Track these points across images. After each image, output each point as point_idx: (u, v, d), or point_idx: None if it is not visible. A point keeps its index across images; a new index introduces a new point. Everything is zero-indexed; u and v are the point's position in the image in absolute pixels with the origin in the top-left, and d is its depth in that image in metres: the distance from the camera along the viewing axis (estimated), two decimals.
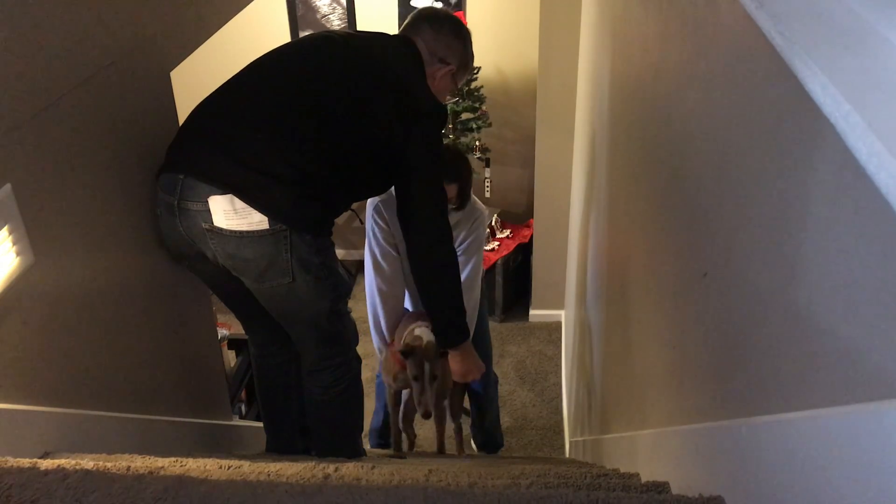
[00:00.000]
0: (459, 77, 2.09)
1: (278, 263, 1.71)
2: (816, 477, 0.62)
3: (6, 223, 1.17)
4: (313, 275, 1.76)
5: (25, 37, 1.20)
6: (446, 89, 2.06)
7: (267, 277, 1.74)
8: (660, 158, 1.32)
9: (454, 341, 2.07)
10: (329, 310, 1.86)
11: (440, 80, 2.01)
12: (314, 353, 1.96)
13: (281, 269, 1.71)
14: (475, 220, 2.47)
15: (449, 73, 2.02)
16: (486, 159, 4.37)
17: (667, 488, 1.12)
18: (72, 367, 1.41)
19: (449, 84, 2.05)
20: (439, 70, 2.00)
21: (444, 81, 2.03)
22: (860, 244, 0.54)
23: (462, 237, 2.46)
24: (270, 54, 1.84)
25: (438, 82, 2.01)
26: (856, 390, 0.56)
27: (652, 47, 1.39)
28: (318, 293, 1.81)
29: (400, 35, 2.04)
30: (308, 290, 1.78)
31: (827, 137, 0.57)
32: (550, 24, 3.47)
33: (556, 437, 3.49)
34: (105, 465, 1.09)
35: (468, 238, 2.47)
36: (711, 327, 0.95)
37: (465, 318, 2.04)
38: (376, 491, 0.95)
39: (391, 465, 1.52)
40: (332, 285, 1.83)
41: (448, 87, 2.06)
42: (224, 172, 1.63)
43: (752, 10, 0.73)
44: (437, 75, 2.00)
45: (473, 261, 2.52)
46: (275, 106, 1.71)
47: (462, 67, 2.07)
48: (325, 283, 1.81)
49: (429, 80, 1.97)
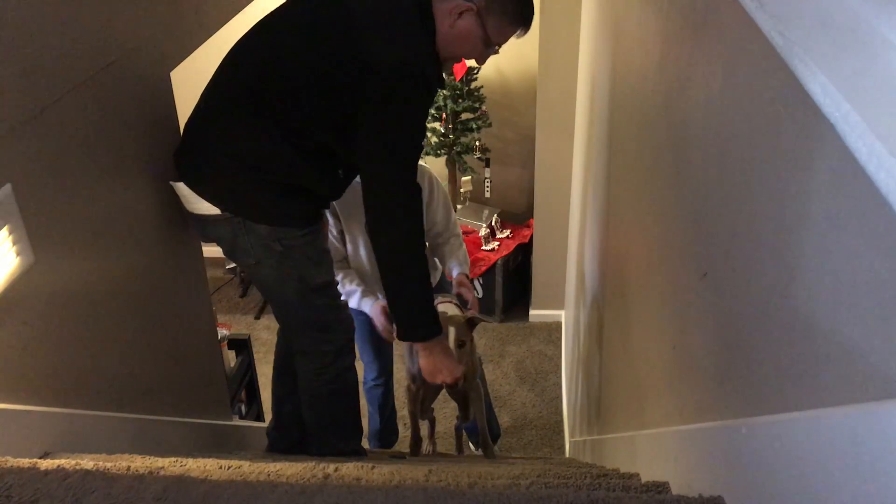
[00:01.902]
0: (494, 24, 1.58)
1: (239, 245, 1.77)
2: (816, 477, 0.62)
3: (6, 223, 1.17)
4: (275, 260, 1.77)
5: (26, 37, 1.20)
6: (469, 38, 1.58)
7: (236, 256, 1.83)
8: (660, 158, 1.32)
9: (414, 336, 1.81)
10: (297, 298, 1.85)
11: (458, 24, 1.55)
12: (299, 337, 1.99)
13: (243, 249, 1.77)
14: (428, 179, 2.35)
15: (469, 12, 1.54)
16: (486, 159, 4.37)
17: (667, 488, 1.12)
18: (72, 367, 1.41)
19: (473, 29, 1.57)
20: (455, 7, 1.53)
21: (464, 25, 1.56)
22: (860, 244, 0.54)
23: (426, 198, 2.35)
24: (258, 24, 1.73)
25: (455, 26, 1.56)
26: (856, 390, 0.56)
27: (652, 47, 1.39)
28: (281, 279, 1.82)
29: None
30: (271, 274, 1.81)
31: (827, 137, 0.57)
32: (550, 24, 3.47)
33: (556, 437, 3.49)
34: (105, 465, 1.08)
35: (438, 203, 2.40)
36: (711, 327, 0.95)
37: (430, 316, 1.77)
38: (376, 491, 0.95)
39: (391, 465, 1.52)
40: (297, 276, 1.80)
41: (472, 34, 1.57)
42: (186, 162, 1.73)
43: (752, 10, 0.72)
44: (450, 15, 1.54)
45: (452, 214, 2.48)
46: (227, 91, 1.70)
47: (494, 10, 1.57)
48: (291, 272, 1.79)
49: (440, 23, 1.56)
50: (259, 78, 1.64)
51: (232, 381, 2.73)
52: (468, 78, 3.94)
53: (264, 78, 1.63)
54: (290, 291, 1.85)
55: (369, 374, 2.81)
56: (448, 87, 3.85)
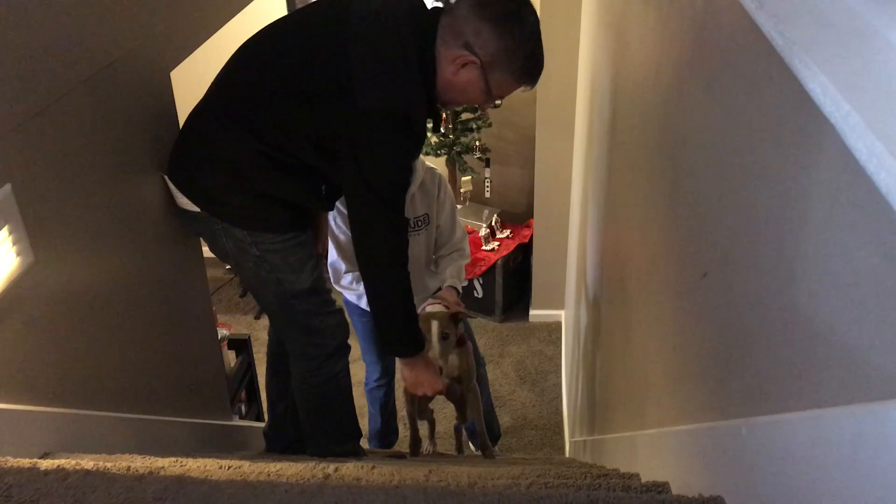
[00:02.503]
0: (497, 79, 1.56)
1: (218, 245, 1.79)
2: (816, 477, 0.62)
3: (6, 223, 1.17)
4: (252, 263, 1.77)
5: (26, 37, 1.20)
6: (470, 89, 1.58)
7: (217, 254, 1.84)
8: (660, 158, 1.31)
9: (394, 352, 1.91)
10: (276, 301, 1.86)
11: (460, 73, 1.55)
12: (287, 338, 2.01)
13: (222, 250, 1.79)
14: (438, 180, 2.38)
15: (472, 64, 1.53)
16: (486, 159, 4.37)
17: (667, 488, 1.12)
18: (72, 367, 1.41)
19: (475, 82, 1.56)
20: (458, 57, 1.53)
21: (466, 77, 1.55)
22: (860, 244, 0.54)
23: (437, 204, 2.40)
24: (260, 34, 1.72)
25: (458, 75, 1.55)
26: (856, 390, 0.56)
27: (652, 47, 1.39)
28: (260, 283, 1.83)
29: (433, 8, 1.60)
30: (250, 277, 1.84)
31: (827, 137, 0.57)
32: (550, 24, 3.47)
33: (556, 437, 3.49)
34: (105, 465, 1.08)
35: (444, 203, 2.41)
36: (711, 327, 0.95)
37: (411, 334, 1.80)
38: (376, 491, 0.95)
39: (391, 465, 1.52)
40: (274, 280, 1.80)
41: (473, 85, 1.57)
42: (173, 155, 1.75)
43: (752, 10, 0.72)
44: (453, 63, 1.53)
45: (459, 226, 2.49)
46: (219, 91, 1.71)
47: (499, 65, 1.54)
48: (268, 276, 1.79)
49: (442, 68, 1.55)
50: (249, 86, 1.64)
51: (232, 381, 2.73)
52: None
53: (254, 87, 1.63)
54: (270, 294, 1.86)
55: (372, 376, 2.81)
56: None
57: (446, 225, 2.47)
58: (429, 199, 2.38)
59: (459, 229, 2.52)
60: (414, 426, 2.42)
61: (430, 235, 2.46)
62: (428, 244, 2.47)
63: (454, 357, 2.11)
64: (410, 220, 2.36)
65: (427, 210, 2.39)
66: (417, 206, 2.36)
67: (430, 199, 2.38)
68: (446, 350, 2.02)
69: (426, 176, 2.34)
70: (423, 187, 2.35)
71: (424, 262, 2.47)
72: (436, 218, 2.42)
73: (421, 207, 2.37)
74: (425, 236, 2.43)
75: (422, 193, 2.35)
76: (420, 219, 2.39)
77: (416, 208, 2.35)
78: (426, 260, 2.48)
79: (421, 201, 2.36)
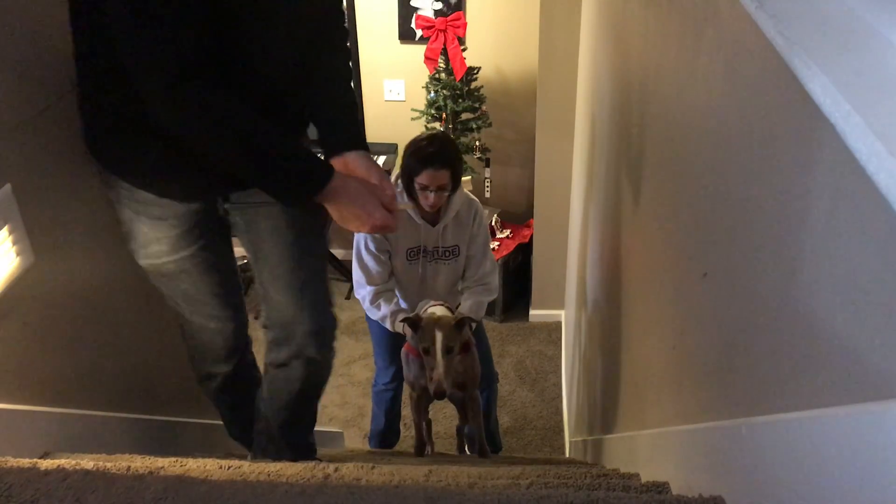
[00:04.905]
0: None
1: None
2: (816, 477, 0.62)
3: (6, 223, 1.17)
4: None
5: (26, 37, 1.20)
6: None
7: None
8: (660, 158, 1.32)
9: (298, 196, 1.30)
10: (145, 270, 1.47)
11: None
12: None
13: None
14: (475, 212, 2.38)
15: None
16: (486, 159, 4.37)
17: (667, 488, 1.12)
18: (72, 367, 1.41)
19: None
20: None
21: None
22: (860, 244, 0.54)
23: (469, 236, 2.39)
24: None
25: None
26: (856, 390, 0.56)
27: (652, 47, 1.39)
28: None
29: None
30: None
31: (827, 137, 0.57)
32: (550, 24, 3.47)
33: (556, 437, 3.49)
34: (105, 465, 1.09)
35: (477, 237, 2.40)
36: (711, 327, 0.95)
37: (298, 164, 1.26)
38: (376, 491, 0.95)
39: (391, 465, 1.52)
40: (125, 236, 1.42)
41: None
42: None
43: (752, 10, 0.73)
44: None
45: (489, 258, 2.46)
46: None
47: None
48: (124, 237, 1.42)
49: None
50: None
51: None
52: (468, 78, 3.94)
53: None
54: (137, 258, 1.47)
55: (382, 378, 2.79)
56: (448, 87, 3.86)
57: (476, 256, 2.43)
58: (462, 231, 2.37)
59: (489, 262, 2.47)
60: (419, 429, 2.43)
61: (458, 267, 2.44)
62: (455, 275, 2.45)
63: (458, 364, 2.05)
64: (440, 249, 2.35)
65: (458, 242, 2.37)
66: (448, 237, 2.35)
67: (463, 231, 2.37)
68: (450, 363, 1.94)
69: (462, 207, 2.33)
70: (457, 218, 2.33)
71: (445, 292, 2.45)
72: (466, 249, 2.40)
73: (452, 239, 2.36)
74: (452, 267, 2.42)
75: (455, 224, 2.33)
76: (449, 249, 2.37)
77: (446, 239, 2.35)
78: (447, 290, 2.46)
79: (453, 233, 2.35)
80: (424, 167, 2.15)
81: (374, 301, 2.38)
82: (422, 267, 2.39)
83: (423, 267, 2.40)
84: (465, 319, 2.04)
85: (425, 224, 2.31)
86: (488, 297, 2.47)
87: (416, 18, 3.88)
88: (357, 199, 1.30)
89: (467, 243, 2.40)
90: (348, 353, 3.82)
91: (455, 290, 2.50)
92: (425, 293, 2.42)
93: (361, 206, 1.30)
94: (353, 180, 1.32)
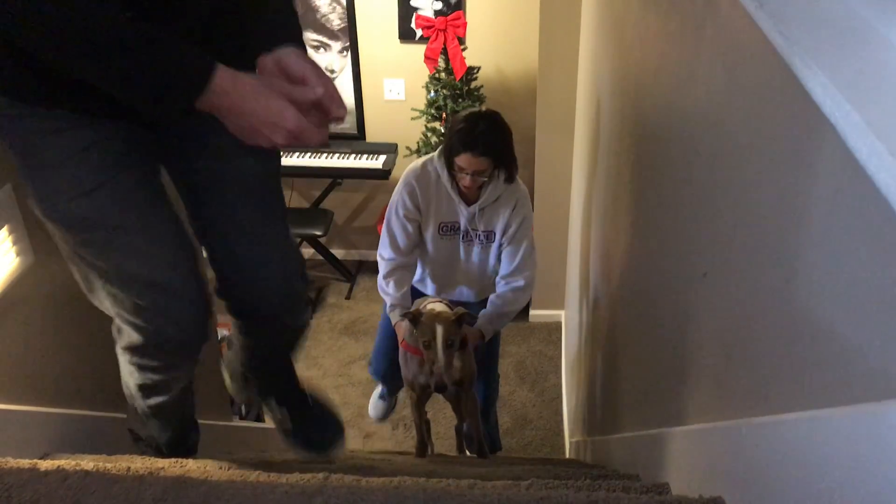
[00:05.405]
0: None
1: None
2: (816, 477, 0.62)
3: (6, 223, 1.17)
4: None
5: None
6: None
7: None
8: (660, 158, 1.32)
9: (180, 96, 0.94)
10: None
11: None
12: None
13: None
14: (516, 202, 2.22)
15: None
16: None
17: (667, 489, 1.12)
18: (72, 367, 1.41)
19: None
20: None
21: None
22: (860, 244, 0.54)
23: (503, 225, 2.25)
24: None
25: None
26: (856, 390, 0.56)
27: (652, 47, 1.39)
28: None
29: None
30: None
31: (827, 137, 0.57)
32: (550, 24, 3.47)
33: (556, 437, 3.49)
34: (105, 465, 1.08)
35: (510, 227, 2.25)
36: (711, 327, 0.95)
37: (169, 56, 0.94)
38: (376, 491, 0.95)
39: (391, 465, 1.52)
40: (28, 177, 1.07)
41: None
42: None
43: (752, 10, 0.72)
44: None
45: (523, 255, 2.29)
46: None
47: None
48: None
49: None
50: None
51: None
52: (468, 77, 3.94)
53: None
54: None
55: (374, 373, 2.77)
56: (448, 87, 3.86)
57: (509, 248, 2.29)
58: (496, 218, 2.25)
59: (521, 259, 2.29)
60: (420, 430, 2.43)
61: (489, 253, 2.33)
62: (488, 260, 2.35)
63: (456, 360, 2.04)
64: (473, 231, 2.26)
65: (492, 227, 2.27)
66: (482, 220, 2.24)
67: (497, 218, 2.25)
68: (451, 356, 1.95)
69: (505, 193, 2.21)
70: (496, 203, 2.21)
71: (478, 275, 2.38)
72: (499, 237, 2.29)
73: (485, 223, 2.25)
74: (486, 251, 2.32)
75: (492, 209, 2.23)
76: (484, 233, 2.28)
77: (479, 222, 2.25)
78: (480, 274, 2.38)
79: (488, 217, 2.24)
80: (464, 150, 2.04)
81: (389, 274, 2.29)
82: (455, 245, 2.31)
83: (457, 245, 2.31)
84: (465, 315, 2.03)
85: (461, 201, 2.21)
86: (512, 307, 2.34)
87: (416, 18, 3.88)
88: (255, 100, 0.96)
89: (502, 230, 2.27)
90: (348, 353, 3.82)
91: (488, 277, 2.39)
92: (456, 273, 2.36)
93: (264, 108, 0.96)
94: (247, 77, 0.97)
